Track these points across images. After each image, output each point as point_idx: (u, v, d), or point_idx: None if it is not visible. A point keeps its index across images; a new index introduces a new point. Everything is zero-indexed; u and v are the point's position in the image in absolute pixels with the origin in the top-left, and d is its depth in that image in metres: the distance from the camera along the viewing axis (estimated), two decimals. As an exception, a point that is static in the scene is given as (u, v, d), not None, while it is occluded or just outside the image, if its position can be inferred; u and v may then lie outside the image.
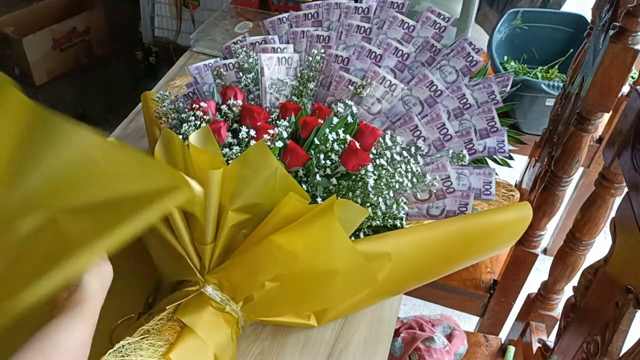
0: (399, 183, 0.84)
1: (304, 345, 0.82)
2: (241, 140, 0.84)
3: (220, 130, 0.84)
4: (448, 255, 0.84)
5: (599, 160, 1.71)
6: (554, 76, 1.81)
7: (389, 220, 0.84)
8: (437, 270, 0.87)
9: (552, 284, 1.10)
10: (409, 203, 0.89)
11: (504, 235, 0.88)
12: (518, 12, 1.90)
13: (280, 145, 0.83)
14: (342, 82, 0.98)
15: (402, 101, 0.99)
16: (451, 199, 0.89)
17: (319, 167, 0.83)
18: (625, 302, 0.69)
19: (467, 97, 0.99)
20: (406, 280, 0.85)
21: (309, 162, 0.83)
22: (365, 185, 0.82)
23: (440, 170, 0.90)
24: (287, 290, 0.75)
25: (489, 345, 1.23)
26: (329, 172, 0.84)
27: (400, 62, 1.04)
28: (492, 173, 0.92)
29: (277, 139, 0.83)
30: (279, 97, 0.98)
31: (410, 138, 0.95)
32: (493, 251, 0.92)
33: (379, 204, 0.82)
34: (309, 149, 0.85)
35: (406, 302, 1.85)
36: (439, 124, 0.95)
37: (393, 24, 1.09)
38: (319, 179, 0.82)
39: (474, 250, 0.86)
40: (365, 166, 0.83)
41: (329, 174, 0.84)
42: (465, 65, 1.04)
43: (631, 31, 0.87)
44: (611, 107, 0.95)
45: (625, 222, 0.73)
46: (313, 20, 1.14)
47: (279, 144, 0.83)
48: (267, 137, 0.83)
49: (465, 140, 0.97)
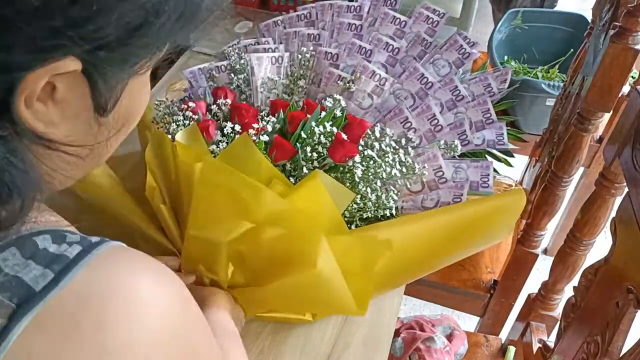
0: (386, 173, 0.83)
1: (304, 345, 0.82)
2: (227, 136, 0.85)
3: (208, 128, 0.85)
4: (444, 243, 0.84)
5: (599, 160, 1.71)
6: (554, 76, 1.81)
7: (380, 211, 0.84)
8: (435, 260, 0.87)
9: (552, 284, 1.10)
10: (402, 195, 0.89)
11: (499, 220, 0.87)
12: (518, 12, 1.90)
13: (266, 140, 0.84)
14: (332, 78, 0.98)
15: (394, 95, 0.99)
16: (445, 190, 0.89)
17: (305, 160, 0.83)
18: (626, 302, 0.69)
19: (460, 89, 0.99)
20: (404, 270, 0.85)
21: (296, 155, 0.84)
22: (353, 176, 0.82)
23: (432, 160, 0.90)
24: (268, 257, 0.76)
25: (489, 346, 1.23)
26: (316, 164, 0.84)
27: (391, 57, 1.04)
28: (489, 166, 0.92)
29: (263, 133, 0.83)
30: (270, 96, 0.98)
31: (401, 130, 0.94)
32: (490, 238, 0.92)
33: (368, 195, 0.82)
34: (296, 143, 0.85)
35: (406, 302, 1.85)
36: (430, 115, 0.95)
37: (385, 20, 1.09)
38: (306, 172, 0.82)
39: (470, 238, 0.86)
40: (352, 157, 0.83)
41: (317, 167, 0.84)
42: (458, 57, 1.03)
43: (631, 31, 0.87)
44: (611, 107, 0.95)
45: (626, 222, 0.73)
46: (306, 21, 1.14)
47: (265, 138, 0.83)
48: (252, 132, 0.83)
49: (458, 131, 0.96)
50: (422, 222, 0.83)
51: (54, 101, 0.36)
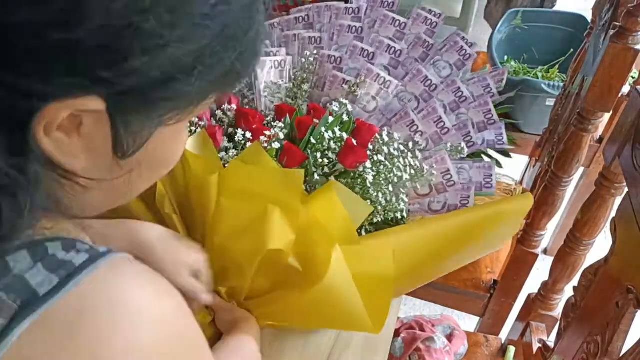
0: (397, 177, 0.83)
1: (304, 346, 0.82)
2: (237, 143, 0.84)
3: (215, 135, 0.84)
4: (452, 248, 0.83)
5: (599, 160, 1.71)
6: (554, 76, 1.82)
7: (390, 214, 0.84)
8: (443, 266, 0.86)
9: (552, 284, 1.10)
10: (410, 198, 0.89)
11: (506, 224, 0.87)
12: (518, 12, 1.91)
13: (278, 147, 0.83)
14: (336, 81, 0.98)
15: (398, 98, 0.99)
16: (452, 192, 0.89)
17: (316, 166, 0.83)
18: (626, 302, 0.69)
19: (463, 90, 0.99)
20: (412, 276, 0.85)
21: (306, 161, 0.83)
22: (364, 181, 0.82)
23: (440, 163, 0.90)
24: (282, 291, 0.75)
25: (489, 346, 1.23)
26: (327, 170, 0.84)
27: (393, 59, 1.04)
28: (492, 166, 0.92)
29: (274, 140, 0.83)
30: (273, 100, 0.98)
31: (408, 133, 0.94)
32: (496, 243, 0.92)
33: (378, 199, 0.82)
34: (306, 149, 0.85)
35: (406, 302, 1.85)
36: (436, 118, 0.95)
37: (384, 22, 1.09)
38: (317, 178, 0.82)
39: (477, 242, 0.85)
40: (363, 163, 0.83)
41: (327, 173, 0.84)
42: (459, 59, 1.04)
43: (631, 31, 0.87)
44: (611, 107, 0.95)
45: (626, 222, 0.73)
46: (304, 23, 1.14)
47: (276, 145, 0.83)
48: (264, 139, 0.83)
49: (462, 133, 0.96)
50: (431, 227, 0.82)
51: (79, 134, 0.35)
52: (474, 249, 0.88)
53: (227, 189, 0.72)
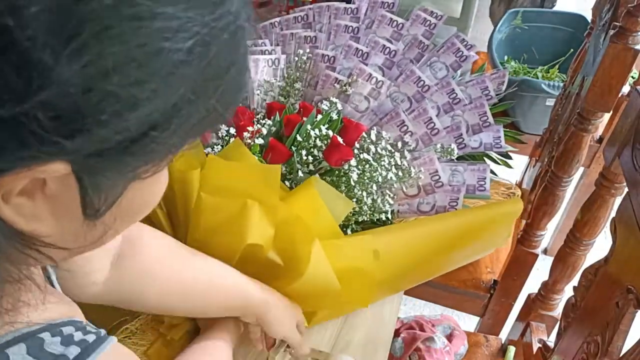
0: (381, 176, 0.83)
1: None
2: (222, 139, 0.85)
3: None
4: (442, 251, 0.84)
5: (599, 160, 1.72)
6: (554, 76, 1.82)
7: (376, 214, 0.84)
8: (433, 267, 0.87)
9: (552, 284, 1.10)
10: (398, 199, 0.89)
11: (497, 228, 0.88)
12: (518, 12, 1.91)
13: (261, 143, 0.83)
14: (329, 80, 0.98)
15: (390, 98, 0.99)
16: (441, 194, 0.89)
17: (301, 163, 0.83)
18: (626, 302, 0.69)
19: (457, 92, 0.99)
20: (402, 277, 0.85)
21: (291, 158, 0.83)
22: (349, 180, 0.82)
23: (428, 164, 0.90)
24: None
25: (489, 346, 1.23)
26: (312, 168, 0.84)
27: (388, 60, 1.04)
28: (486, 169, 0.92)
29: (258, 136, 0.83)
30: (266, 98, 0.98)
31: (398, 133, 0.94)
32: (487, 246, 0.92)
33: (364, 199, 0.82)
34: (291, 146, 0.85)
35: (406, 302, 1.85)
36: (427, 119, 0.95)
37: (382, 22, 1.09)
38: (302, 175, 0.82)
39: (467, 245, 0.86)
40: (348, 161, 0.83)
41: (312, 170, 0.84)
42: (455, 60, 1.03)
43: (631, 31, 0.87)
44: (611, 107, 0.95)
45: (626, 222, 0.73)
46: (303, 22, 1.14)
47: (260, 141, 0.83)
48: (248, 135, 0.83)
49: (454, 135, 0.96)
50: (419, 229, 0.83)
51: (44, 195, 0.32)
52: (465, 253, 0.88)
53: (207, 184, 0.73)
